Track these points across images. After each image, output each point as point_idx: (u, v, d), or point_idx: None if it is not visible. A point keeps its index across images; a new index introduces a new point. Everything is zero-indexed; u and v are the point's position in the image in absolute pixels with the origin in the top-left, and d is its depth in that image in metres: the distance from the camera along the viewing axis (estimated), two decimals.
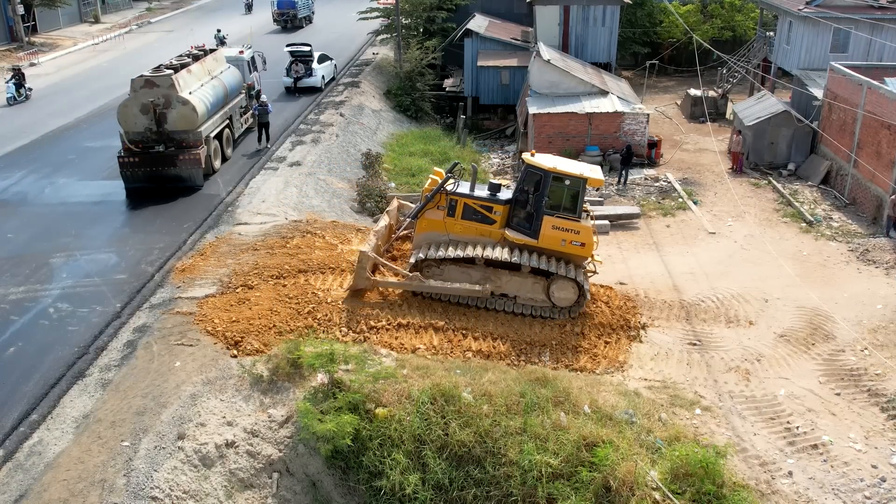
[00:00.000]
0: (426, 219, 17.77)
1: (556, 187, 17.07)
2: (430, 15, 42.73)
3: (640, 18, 44.99)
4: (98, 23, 57.20)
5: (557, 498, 12.36)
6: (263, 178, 24.82)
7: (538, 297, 17.42)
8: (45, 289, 17.60)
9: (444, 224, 17.61)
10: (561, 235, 17.14)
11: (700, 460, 12.45)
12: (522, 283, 17.36)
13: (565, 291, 17.28)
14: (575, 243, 17.15)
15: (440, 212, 17.61)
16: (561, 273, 17.03)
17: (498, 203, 17.61)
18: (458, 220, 17.59)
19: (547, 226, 17.09)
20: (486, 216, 17.59)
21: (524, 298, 17.48)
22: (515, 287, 17.42)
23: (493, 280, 17.30)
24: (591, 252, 17.49)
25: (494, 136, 37.39)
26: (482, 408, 13.43)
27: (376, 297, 17.36)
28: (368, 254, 16.89)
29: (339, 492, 12.85)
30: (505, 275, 17.34)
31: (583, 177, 17.07)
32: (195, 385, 13.69)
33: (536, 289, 17.37)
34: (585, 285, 17.27)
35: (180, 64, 24.91)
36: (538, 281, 17.34)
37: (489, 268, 17.32)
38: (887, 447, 14.20)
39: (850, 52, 31.78)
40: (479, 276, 17.32)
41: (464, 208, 17.56)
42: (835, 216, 24.75)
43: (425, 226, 17.83)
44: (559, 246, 17.24)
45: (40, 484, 11.77)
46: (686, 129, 35.21)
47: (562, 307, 17.49)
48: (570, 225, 17.12)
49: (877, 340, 17.38)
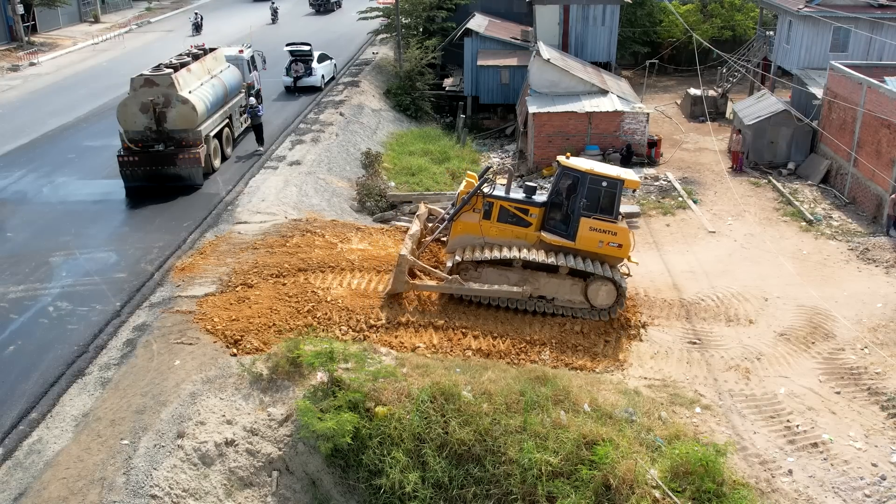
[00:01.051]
0: (461, 222, 17.79)
1: (594, 189, 17.11)
2: (429, 14, 42.72)
3: (640, 18, 44.97)
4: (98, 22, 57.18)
5: (557, 496, 12.35)
6: (263, 177, 24.81)
7: (576, 298, 17.44)
8: (44, 287, 17.59)
9: (480, 227, 17.66)
10: (598, 237, 17.21)
11: (700, 458, 12.44)
12: (560, 284, 17.36)
13: (603, 292, 17.32)
14: (612, 244, 17.26)
15: (476, 215, 17.65)
16: (599, 274, 17.04)
17: (534, 205, 17.68)
18: (493, 223, 17.66)
19: (584, 227, 17.17)
20: (521, 218, 17.67)
21: (562, 300, 17.50)
22: (553, 289, 17.42)
23: (531, 282, 17.29)
24: (629, 253, 17.53)
25: (494, 135, 37.38)
26: (482, 406, 13.43)
27: (413, 300, 17.32)
28: (407, 257, 16.91)
29: (339, 490, 12.84)
30: (543, 277, 17.35)
31: (620, 178, 17.20)
32: (195, 383, 13.68)
33: (574, 290, 17.38)
34: (624, 285, 17.31)
35: (180, 63, 24.90)
36: (576, 282, 17.35)
37: (527, 270, 17.33)
38: (887, 445, 14.20)
39: (850, 52, 31.76)
40: (517, 279, 17.31)
41: (500, 211, 17.61)
42: (835, 215, 24.74)
43: (461, 229, 17.85)
44: (596, 247, 17.30)
45: (40, 482, 11.77)
46: (686, 129, 35.20)
47: (600, 308, 17.49)
48: (608, 226, 17.20)
49: (877, 339, 17.38)
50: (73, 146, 27.95)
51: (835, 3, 31.95)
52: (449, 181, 28.12)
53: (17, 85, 37.88)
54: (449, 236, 18.32)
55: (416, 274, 17.82)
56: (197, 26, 50.59)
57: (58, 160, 26.38)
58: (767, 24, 39.53)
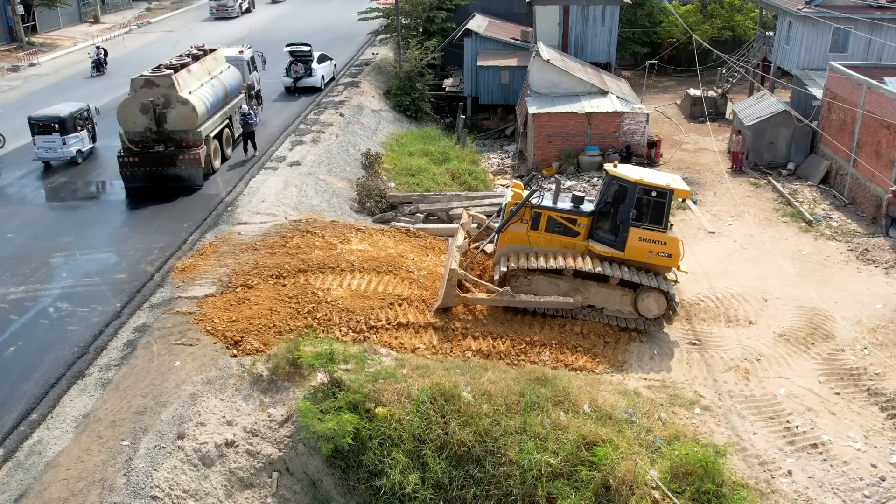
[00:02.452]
0: (509, 233, 17.76)
1: (643, 199, 16.99)
2: (429, 15, 42.73)
3: (640, 18, 44.99)
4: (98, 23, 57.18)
5: (557, 497, 12.37)
6: (263, 177, 24.83)
7: (626, 308, 17.38)
8: (44, 288, 17.61)
9: (528, 237, 17.63)
10: (648, 247, 17.10)
11: (700, 459, 12.46)
12: (610, 294, 17.30)
13: (654, 303, 17.23)
14: (662, 254, 17.13)
15: (523, 225, 17.62)
16: (651, 285, 16.96)
17: (582, 215, 17.62)
18: (541, 233, 17.63)
19: (633, 237, 17.07)
20: (569, 228, 17.62)
21: (611, 310, 17.44)
22: (603, 299, 17.36)
23: (582, 291, 17.24)
24: (678, 262, 17.41)
25: (494, 135, 37.40)
26: (482, 407, 13.44)
27: (463, 313, 17.28)
28: (458, 271, 16.90)
29: (339, 491, 12.85)
30: (593, 286, 17.29)
31: (669, 188, 17.03)
32: (195, 384, 13.69)
33: (624, 301, 17.32)
34: (674, 296, 17.22)
35: (180, 64, 24.91)
36: (626, 293, 17.28)
37: (577, 279, 17.27)
38: (887, 446, 14.21)
39: (850, 52, 31.78)
40: (568, 287, 17.25)
41: (547, 221, 17.57)
42: (834, 215, 24.76)
43: (508, 239, 17.82)
44: (646, 257, 17.19)
45: (40, 483, 11.78)
46: (685, 129, 35.22)
47: (650, 318, 17.43)
48: (657, 236, 17.08)
49: (876, 340, 17.40)
50: None
51: (834, 3, 31.98)
52: (449, 182, 28.13)
53: (18, 85, 37.88)
54: (495, 246, 18.22)
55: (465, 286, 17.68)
56: (97, 64, 39.89)
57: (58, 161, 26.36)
58: (767, 24, 39.56)
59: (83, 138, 26.17)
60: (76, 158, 25.61)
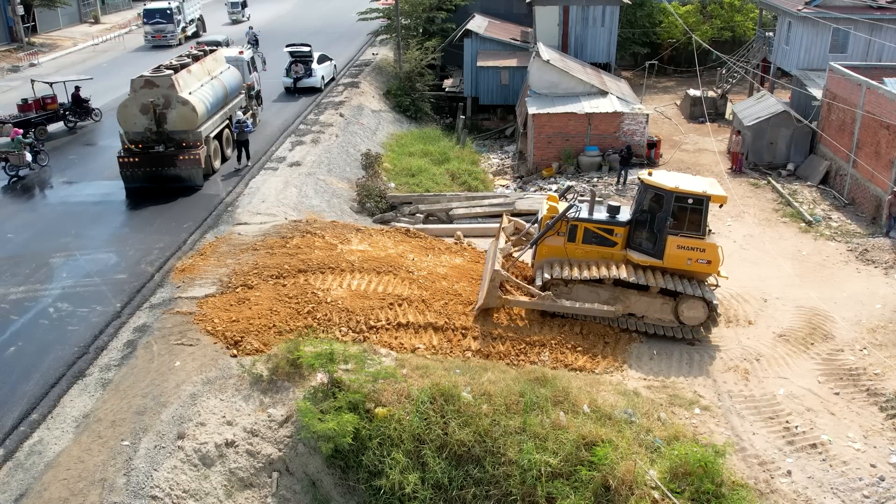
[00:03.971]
0: (546, 245, 17.72)
1: (680, 206, 16.88)
2: (429, 15, 42.78)
3: (640, 19, 45.03)
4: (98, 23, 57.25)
5: (557, 497, 12.38)
6: (263, 178, 24.84)
7: (666, 317, 17.33)
8: (45, 288, 17.62)
9: (566, 250, 17.59)
10: (686, 255, 16.99)
11: (699, 459, 12.47)
12: (651, 303, 17.26)
13: (695, 310, 17.13)
14: (701, 261, 17.04)
15: (560, 238, 17.57)
16: (692, 293, 16.87)
17: (618, 225, 17.56)
18: (578, 245, 17.59)
19: (672, 246, 16.96)
20: (606, 238, 17.57)
21: (652, 318, 17.41)
22: (643, 307, 17.33)
23: (622, 300, 17.21)
24: (718, 268, 17.33)
25: (494, 136, 37.43)
26: (482, 407, 13.45)
27: (504, 317, 17.30)
28: (501, 272, 16.87)
29: (339, 491, 12.87)
30: (633, 295, 17.25)
31: (706, 195, 16.89)
32: (195, 384, 13.71)
33: (665, 309, 17.27)
34: (715, 303, 17.12)
35: (180, 64, 24.94)
36: (666, 301, 17.22)
37: (617, 287, 17.23)
38: (886, 446, 14.22)
39: (850, 53, 31.81)
40: (608, 296, 17.23)
41: (584, 233, 17.52)
42: (834, 216, 24.77)
43: (546, 252, 17.79)
44: (685, 265, 17.09)
45: (40, 483, 11.79)
46: (685, 130, 35.24)
47: (692, 326, 17.35)
48: (696, 244, 16.96)
49: (876, 340, 17.40)
50: (73, 147, 27.97)
51: (834, 4, 32.00)
52: (449, 182, 28.17)
53: (18, 86, 37.88)
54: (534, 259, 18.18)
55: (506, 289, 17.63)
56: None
57: (58, 161, 26.41)
58: (767, 25, 39.57)
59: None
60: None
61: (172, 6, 47.04)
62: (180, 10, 47.86)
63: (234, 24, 54.99)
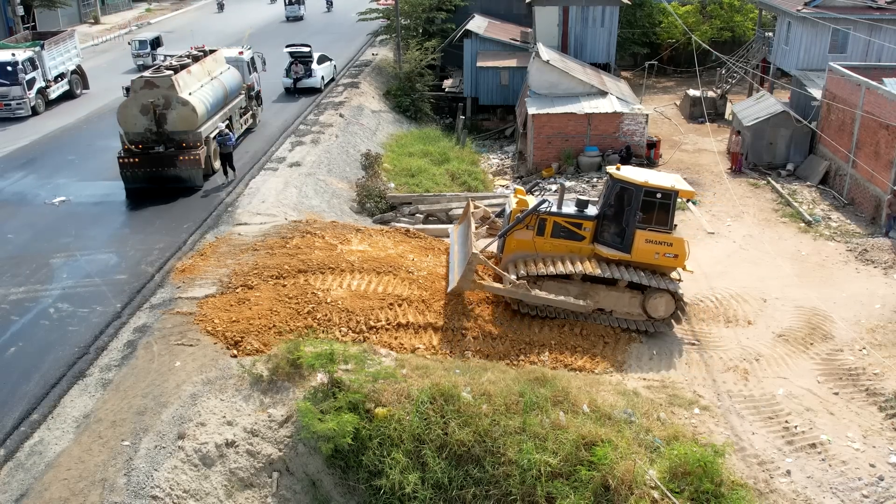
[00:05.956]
0: (515, 239, 17.79)
1: (648, 201, 17.07)
2: (429, 16, 42.82)
3: (640, 19, 45.06)
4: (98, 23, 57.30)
5: (556, 497, 12.39)
6: (263, 178, 24.86)
7: (634, 311, 17.49)
8: (45, 289, 17.63)
9: (534, 243, 17.68)
10: (654, 249, 17.19)
11: (698, 459, 12.48)
12: (619, 297, 17.40)
13: (662, 304, 17.34)
14: (668, 255, 17.26)
15: (529, 231, 17.65)
16: (660, 286, 17.05)
17: (587, 219, 17.68)
18: (547, 239, 17.68)
19: (640, 240, 17.15)
20: (575, 233, 17.67)
21: (621, 313, 17.55)
22: (612, 302, 17.46)
23: (591, 295, 17.32)
24: (684, 262, 17.49)
25: (494, 136, 37.45)
26: (481, 407, 13.47)
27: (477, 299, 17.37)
28: (479, 256, 16.90)
29: (339, 491, 12.88)
30: (602, 290, 17.38)
31: (674, 189, 17.13)
32: (195, 385, 13.73)
33: (633, 303, 17.43)
34: (682, 295, 17.31)
35: (180, 65, 24.96)
36: (634, 295, 17.38)
37: (586, 283, 17.34)
38: (885, 446, 14.24)
39: (849, 53, 31.82)
40: (577, 292, 17.32)
41: (553, 227, 17.62)
42: (833, 216, 24.79)
43: (514, 246, 17.86)
44: (652, 259, 17.29)
45: (41, 483, 11.81)
46: (685, 130, 35.26)
47: (660, 319, 17.52)
48: (663, 238, 17.19)
49: (875, 340, 17.43)
50: (73, 148, 28.01)
51: (833, 4, 32.00)
52: (448, 182, 28.17)
53: None
54: (502, 253, 18.25)
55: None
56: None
57: (58, 162, 26.43)
58: (766, 25, 39.58)
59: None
60: None
61: (20, 59, 32.12)
62: (34, 65, 33.14)
63: (142, 70, 35.26)
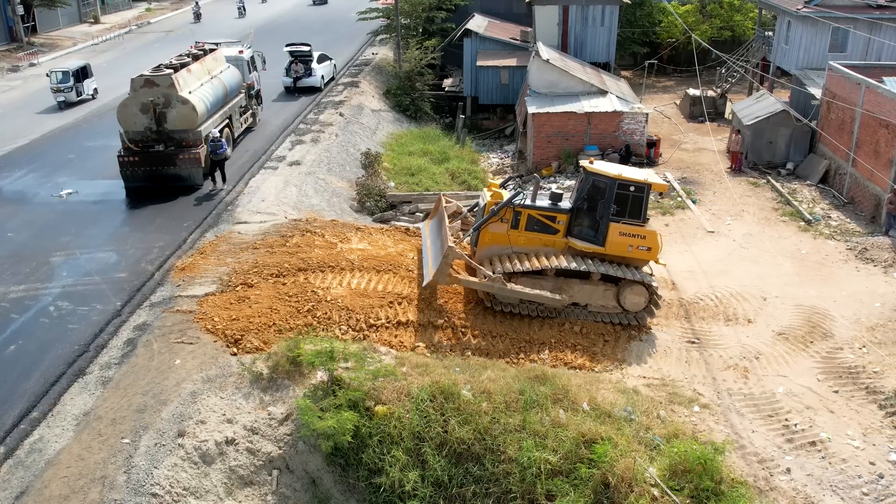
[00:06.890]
0: (489, 232, 17.78)
1: (622, 194, 17.15)
2: (429, 15, 42.81)
3: (640, 18, 45.04)
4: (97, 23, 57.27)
5: (556, 494, 12.40)
6: (263, 177, 24.86)
7: (609, 304, 17.53)
8: (45, 287, 17.63)
9: (508, 237, 17.68)
10: (628, 241, 17.28)
11: (698, 457, 12.48)
12: (593, 291, 17.43)
13: (636, 296, 17.38)
14: (641, 248, 17.35)
15: (503, 225, 17.64)
16: (632, 278, 17.09)
17: (561, 212, 17.71)
18: (521, 232, 17.70)
19: (613, 233, 17.22)
20: (548, 226, 17.70)
21: (595, 306, 17.58)
22: (586, 295, 17.49)
23: (566, 290, 17.33)
24: (657, 255, 17.59)
25: (493, 135, 37.44)
26: (481, 405, 13.48)
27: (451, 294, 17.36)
28: (456, 250, 16.89)
29: (339, 489, 12.89)
30: (576, 284, 17.40)
31: (647, 182, 17.24)
32: (195, 383, 13.73)
33: (608, 296, 17.46)
34: (656, 287, 17.38)
35: (180, 63, 24.95)
36: (609, 288, 17.41)
37: (560, 277, 17.36)
38: (885, 444, 14.25)
39: (849, 52, 31.82)
40: (551, 286, 17.30)
41: (527, 220, 17.63)
42: (833, 215, 24.80)
43: (489, 239, 17.85)
44: (626, 252, 17.36)
45: (41, 481, 11.81)
46: (685, 129, 35.26)
47: (634, 312, 17.56)
48: (637, 230, 17.28)
49: (875, 338, 17.44)
50: (73, 146, 28.01)
51: (833, 3, 32.00)
52: (448, 181, 28.17)
53: (18, 86, 37.95)
54: (476, 247, 18.27)
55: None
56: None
57: (58, 160, 26.43)
58: (766, 24, 39.59)
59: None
60: None
61: None
62: None
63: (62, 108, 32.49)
